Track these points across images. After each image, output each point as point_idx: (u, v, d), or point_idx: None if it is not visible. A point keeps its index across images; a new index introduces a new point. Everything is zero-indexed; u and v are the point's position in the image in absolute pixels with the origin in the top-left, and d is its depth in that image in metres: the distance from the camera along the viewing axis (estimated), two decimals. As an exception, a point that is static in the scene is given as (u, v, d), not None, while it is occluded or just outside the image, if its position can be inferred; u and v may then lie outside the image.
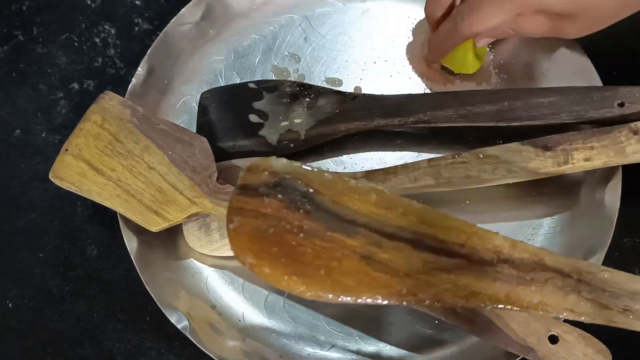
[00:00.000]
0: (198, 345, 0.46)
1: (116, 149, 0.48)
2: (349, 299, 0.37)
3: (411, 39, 0.57)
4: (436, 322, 0.48)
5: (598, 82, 0.51)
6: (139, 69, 0.53)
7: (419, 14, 0.57)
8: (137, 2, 0.60)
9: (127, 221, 0.48)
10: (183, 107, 0.55)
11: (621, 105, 0.48)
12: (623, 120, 0.48)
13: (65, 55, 0.58)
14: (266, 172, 0.39)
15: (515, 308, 0.37)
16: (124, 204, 0.47)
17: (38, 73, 0.57)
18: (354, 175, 0.49)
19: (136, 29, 0.59)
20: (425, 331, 0.48)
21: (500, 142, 0.49)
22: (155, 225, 0.47)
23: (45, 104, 0.56)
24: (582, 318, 0.38)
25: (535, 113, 0.49)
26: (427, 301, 0.37)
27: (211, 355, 0.46)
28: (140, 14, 0.59)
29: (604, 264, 0.46)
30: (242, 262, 0.37)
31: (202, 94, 0.54)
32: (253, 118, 0.53)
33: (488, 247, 0.38)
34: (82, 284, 0.51)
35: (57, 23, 0.59)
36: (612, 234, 0.47)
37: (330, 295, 0.37)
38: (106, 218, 0.52)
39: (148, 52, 0.54)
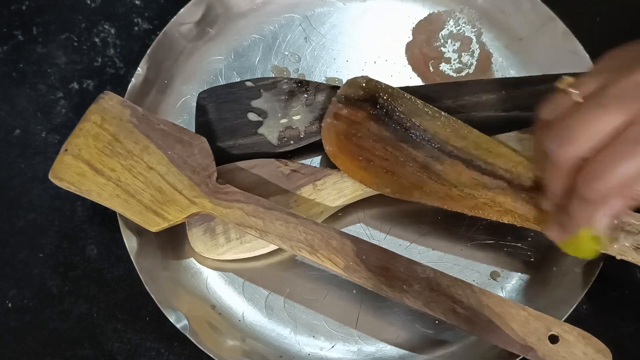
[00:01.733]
0: (197, 344, 0.46)
1: (116, 149, 0.48)
2: (403, 196, 0.47)
3: (411, 38, 0.57)
4: (436, 322, 0.48)
5: None
6: (138, 68, 0.53)
7: (419, 13, 0.57)
8: (137, 2, 0.60)
9: (127, 221, 0.48)
10: (183, 107, 0.55)
11: None
12: None
13: (64, 55, 0.58)
14: (360, 88, 0.50)
15: (536, 227, 0.45)
16: (123, 204, 0.47)
17: (38, 73, 0.57)
18: None
19: (136, 28, 0.59)
20: (425, 331, 0.48)
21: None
22: (155, 225, 0.47)
23: (45, 104, 0.56)
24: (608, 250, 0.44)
25: (533, 101, 0.49)
26: (467, 211, 0.46)
27: (211, 355, 0.46)
28: (140, 14, 0.59)
29: (604, 263, 0.47)
30: (326, 150, 0.49)
31: (200, 93, 0.54)
32: (252, 116, 0.53)
33: (530, 176, 0.46)
34: (81, 284, 0.51)
35: (57, 23, 0.58)
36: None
37: (388, 190, 0.47)
38: (106, 218, 0.52)
39: (148, 51, 0.54)
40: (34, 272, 0.52)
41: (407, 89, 0.51)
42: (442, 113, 0.49)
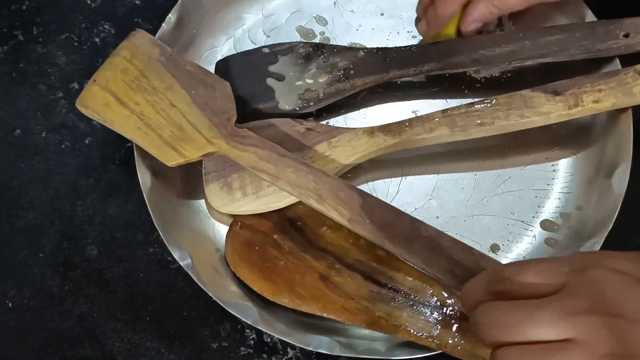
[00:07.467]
0: (199, 283, 0.46)
1: (142, 84, 0.48)
2: (302, 307, 0.46)
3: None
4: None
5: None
6: (169, 15, 0.53)
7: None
8: (137, 2, 0.60)
9: (144, 160, 0.49)
10: (208, 58, 0.56)
11: (626, 36, 0.50)
12: (630, 51, 0.50)
13: (65, 55, 0.58)
14: None
15: (430, 344, 0.45)
16: (143, 137, 0.47)
17: (38, 73, 0.57)
18: (371, 130, 0.50)
19: (136, 28, 0.58)
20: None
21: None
22: (172, 160, 0.47)
23: (45, 104, 0.56)
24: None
25: (544, 51, 0.51)
26: (363, 324, 0.46)
27: (211, 295, 0.45)
28: (140, 14, 0.59)
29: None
30: (227, 259, 0.48)
31: (217, 63, 0.54)
32: (270, 82, 0.53)
33: (428, 292, 0.46)
34: (82, 284, 0.51)
35: (57, 23, 0.58)
36: (615, 215, 0.48)
37: (286, 300, 0.46)
38: (106, 218, 0.52)
39: (179, 1, 0.54)
40: (34, 272, 0.52)
41: (420, 45, 0.54)
42: (345, 224, 0.46)
